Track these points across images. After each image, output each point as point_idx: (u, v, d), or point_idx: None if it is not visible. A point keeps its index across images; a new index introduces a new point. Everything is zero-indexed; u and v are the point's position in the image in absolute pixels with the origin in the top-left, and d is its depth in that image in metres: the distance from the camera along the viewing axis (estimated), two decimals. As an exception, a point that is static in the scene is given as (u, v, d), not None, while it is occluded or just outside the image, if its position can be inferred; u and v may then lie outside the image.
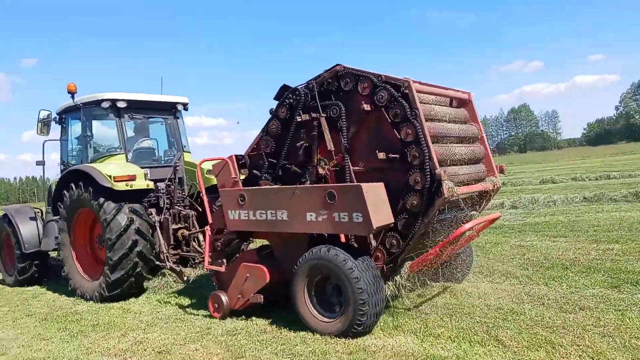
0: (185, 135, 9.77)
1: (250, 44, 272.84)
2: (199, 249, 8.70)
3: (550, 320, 5.15)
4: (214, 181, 9.15)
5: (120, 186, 7.74)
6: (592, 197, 14.63)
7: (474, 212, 5.79)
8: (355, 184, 4.94)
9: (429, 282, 6.31)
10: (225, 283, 6.29)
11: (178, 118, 9.73)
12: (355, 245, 5.67)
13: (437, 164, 5.00)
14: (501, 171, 6.41)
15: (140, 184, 8.02)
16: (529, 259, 8.02)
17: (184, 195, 9.27)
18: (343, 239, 5.75)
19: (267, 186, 6.01)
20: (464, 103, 6.48)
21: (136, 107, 9.05)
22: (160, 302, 7.41)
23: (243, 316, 6.11)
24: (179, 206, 9.00)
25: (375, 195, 4.99)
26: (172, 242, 8.59)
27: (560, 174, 24.84)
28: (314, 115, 5.76)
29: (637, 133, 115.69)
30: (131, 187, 7.84)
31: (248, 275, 5.96)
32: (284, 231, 5.57)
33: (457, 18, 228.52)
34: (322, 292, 5.41)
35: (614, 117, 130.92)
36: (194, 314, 6.52)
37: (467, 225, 5.22)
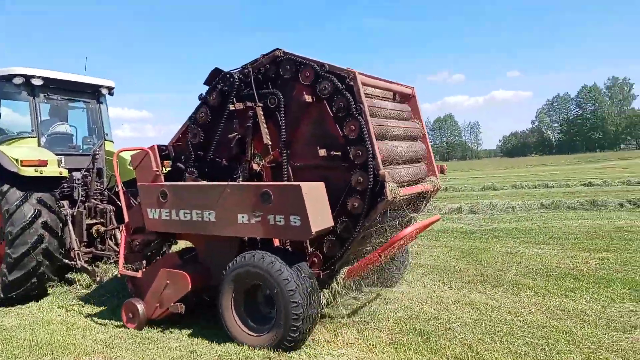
0: (109, 122, 8.87)
1: (180, 34, 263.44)
2: (115, 247, 7.95)
3: (611, 342, 4.65)
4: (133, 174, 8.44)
5: (28, 172, 6.80)
6: (549, 204, 14.72)
7: (414, 214, 5.47)
8: (294, 183, 4.45)
9: (363, 288, 5.97)
10: (142, 290, 5.63)
11: (101, 103, 8.80)
12: (289, 249, 5.21)
13: (380, 164, 4.60)
14: (441, 171, 6.14)
15: (52, 170, 7.12)
16: (528, 268, 7.67)
17: (102, 187, 8.45)
18: (277, 243, 5.27)
19: (193, 182, 5.39)
20: (407, 98, 6.14)
21: (54, 86, 8.06)
22: (63, 308, 6.56)
23: (160, 327, 5.48)
24: (95, 199, 8.19)
25: (316, 196, 4.53)
26: (84, 239, 7.79)
27: (499, 182, 25.23)
28: (249, 104, 5.19)
29: (550, 147, 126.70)
30: (41, 173, 6.92)
31: (168, 281, 5.34)
32: (211, 234, 5.00)
33: (391, 26, 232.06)
34: (252, 302, 4.91)
35: (527, 131, 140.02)
36: (103, 324, 5.79)
37: (409, 229, 4.87)
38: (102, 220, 8.06)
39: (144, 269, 5.59)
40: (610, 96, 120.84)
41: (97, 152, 8.22)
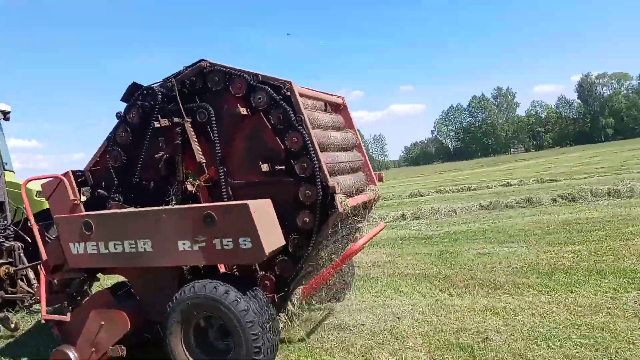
0: (7, 150, 7.95)
1: (75, 50, 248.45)
2: (28, 289, 7.10)
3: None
4: (46, 204, 7.63)
5: None
6: (488, 205, 14.95)
7: (361, 225, 5.33)
8: (240, 202, 4.12)
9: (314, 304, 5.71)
10: (72, 335, 4.96)
11: (-3, 130, 7.88)
12: (237, 273, 4.85)
13: (328, 176, 4.41)
14: (380, 179, 6.08)
15: None
16: (512, 267, 7.52)
17: (7, 223, 7.56)
18: (222, 269, 4.88)
19: (120, 210, 4.86)
20: (338, 108, 6.04)
21: None
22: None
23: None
24: (0, 237, 7.29)
25: (264, 214, 4.22)
26: None
27: (420, 188, 25.80)
28: (176, 120, 4.79)
29: (448, 154, 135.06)
30: None
31: (103, 322, 4.75)
32: (148, 265, 4.51)
33: (289, 44, 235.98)
34: (203, 335, 4.47)
35: (426, 141, 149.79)
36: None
37: (362, 241, 4.72)
38: (9, 259, 7.18)
39: (71, 312, 4.93)
40: (497, 104, 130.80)
41: None
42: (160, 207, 4.48)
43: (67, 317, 4.87)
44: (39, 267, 5.14)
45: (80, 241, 4.68)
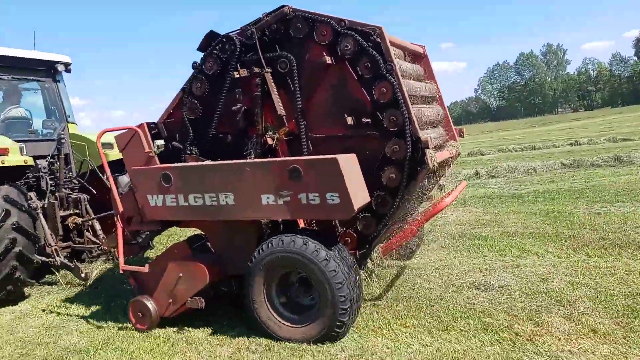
0: (69, 102, 7.95)
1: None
2: (94, 239, 7.21)
3: None
4: (111, 156, 7.65)
5: None
6: (572, 163, 14.15)
7: (443, 183, 5.08)
8: (330, 156, 3.92)
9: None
10: (149, 286, 4.99)
11: (58, 82, 7.85)
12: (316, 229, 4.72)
13: (418, 129, 4.15)
14: (460, 135, 5.76)
15: (15, 159, 6.28)
16: None
17: (72, 175, 7.62)
18: (302, 224, 4.75)
19: (200, 162, 4.76)
20: (418, 58, 5.69)
21: (3, 64, 7.08)
22: (52, 312, 5.80)
23: (176, 327, 4.89)
24: (66, 188, 7.36)
25: (352, 169, 4.02)
26: (60, 233, 7.00)
27: (479, 147, 24.62)
28: (256, 70, 4.58)
29: (492, 114, 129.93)
30: (2, 163, 6.09)
31: (181, 274, 4.74)
32: (229, 219, 4.41)
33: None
34: (285, 291, 4.41)
35: (467, 100, 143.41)
36: (105, 326, 5.14)
37: (449, 199, 4.50)
38: (76, 210, 7.27)
39: (149, 263, 4.93)
40: (546, 62, 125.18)
41: (62, 135, 7.35)
42: (244, 160, 4.35)
43: (145, 269, 4.87)
44: (115, 217, 5.13)
45: (159, 193, 4.62)
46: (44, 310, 5.86)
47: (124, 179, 7.66)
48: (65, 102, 7.87)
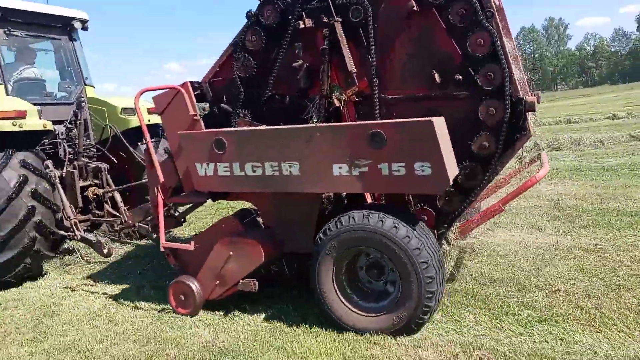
0: (86, 63, 7.31)
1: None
2: (114, 212, 6.68)
3: None
4: (133, 122, 7.08)
5: (4, 126, 5.40)
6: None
7: (524, 154, 4.55)
8: (423, 119, 3.35)
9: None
10: (192, 265, 4.49)
11: (75, 40, 7.20)
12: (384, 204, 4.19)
13: (519, 88, 3.59)
14: (537, 101, 5.18)
15: (34, 123, 5.70)
16: None
17: (91, 142, 7.07)
18: (369, 199, 4.22)
19: (257, 127, 4.18)
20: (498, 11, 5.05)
21: (16, 19, 6.41)
22: (74, 290, 5.31)
23: (222, 311, 4.39)
24: (85, 157, 6.81)
25: (444, 135, 3.46)
26: (80, 204, 6.47)
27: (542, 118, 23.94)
28: (324, 19, 3.97)
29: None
30: (20, 127, 5.52)
31: (232, 253, 4.22)
32: (293, 191, 3.86)
33: None
34: (355, 275, 3.90)
35: None
36: (139, 308, 4.65)
37: (542, 172, 3.96)
38: (96, 181, 6.73)
39: (194, 240, 4.39)
40: (547, 37, 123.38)
41: (82, 99, 6.76)
42: (313, 124, 3.77)
43: (191, 246, 4.34)
44: (156, 189, 4.57)
45: (210, 161, 4.05)
46: (69, 289, 5.35)
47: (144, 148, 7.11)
48: (82, 62, 7.24)
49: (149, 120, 6.52)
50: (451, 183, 3.38)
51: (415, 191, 3.71)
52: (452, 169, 3.43)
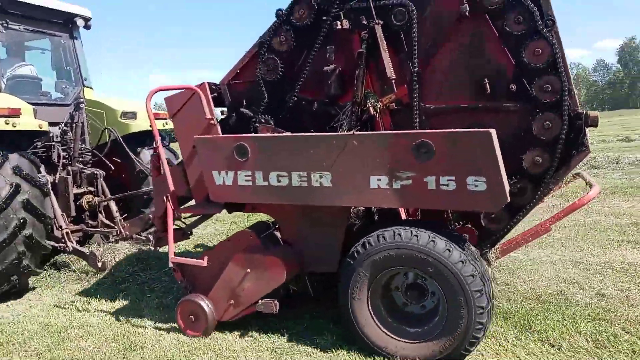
0: (85, 63, 6.90)
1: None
2: (107, 222, 6.25)
3: None
4: (133, 127, 6.67)
5: None
6: None
7: (579, 171, 4.29)
8: (481, 130, 3.04)
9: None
10: (203, 282, 4.08)
11: (76, 39, 6.79)
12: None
13: (578, 103, 3.31)
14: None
15: (29, 123, 5.25)
16: None
17: (87, 147, 6.64)
18: (403, 215, 3.88)
19: (285, 134, 3.83)
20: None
21: (13, 12, 5.99)
22: (64, 308, 4.84)
23: (236, 331, 3.98)
24: (80, 162, 6.37)
25: (498, 147, 3.15)
26: (72, 214, 6.02)
27: None
28: (363, 21, 3.67)
29: None
30: (14, 126, 5.06)
31: (249, 270, 3.83)
32: (323, 204, 3.51)
33: None
34: (390, 298, 3.54)
35: None
36: (138, 327, 4.21)
37: (594, 191, 3.68)
38: (90, 188, 6.29)
39: (207, 256, 3.99)
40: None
41: (81, 100, 6.35)
42: (350, 132, 3.44)
43: (204, 262, 3.94)
44: (165, 198, 4.17)
45: (229, 169, 3.69)
46: (59, 307, 4.89)
47: (148, 154, 6.70)
48: (82, 62, 6.83)
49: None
50: (508, 200, 3.06)
51: (467, 208, 3.38)
52: (507, 185, 3.12)
